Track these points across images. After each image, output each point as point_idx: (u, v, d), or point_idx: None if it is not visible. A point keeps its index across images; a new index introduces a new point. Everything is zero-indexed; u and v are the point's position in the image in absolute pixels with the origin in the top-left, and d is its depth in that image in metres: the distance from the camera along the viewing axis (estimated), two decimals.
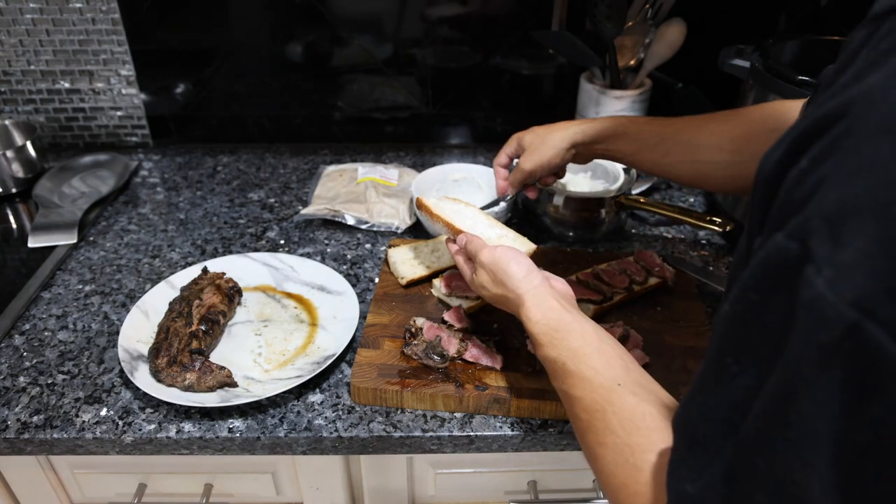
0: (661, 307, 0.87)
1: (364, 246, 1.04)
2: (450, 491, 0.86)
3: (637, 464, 0.46)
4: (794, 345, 0.30)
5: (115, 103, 1.30)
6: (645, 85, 1.18)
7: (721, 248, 1.04)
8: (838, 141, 0.30)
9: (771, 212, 0.34)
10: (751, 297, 0.33)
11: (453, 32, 1.25)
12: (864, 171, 0.28)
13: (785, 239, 0.31)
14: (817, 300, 0.28)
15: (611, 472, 0.48)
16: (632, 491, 0.45)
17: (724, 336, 0.36)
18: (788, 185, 0.32)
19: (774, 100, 0.94)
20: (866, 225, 0.27)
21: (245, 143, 1.36)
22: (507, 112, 1.34)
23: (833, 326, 0.27)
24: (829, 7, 1.18)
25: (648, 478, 0.44)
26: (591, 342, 0.57)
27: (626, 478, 0.46)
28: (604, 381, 0.53)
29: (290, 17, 1.22)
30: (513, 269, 0.66)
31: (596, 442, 0.51)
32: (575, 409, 0.55)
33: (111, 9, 1.19)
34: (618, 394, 0.51)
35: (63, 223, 1.07)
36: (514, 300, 0.66)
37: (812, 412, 0.29)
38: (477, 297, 0.86)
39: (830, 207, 0.29)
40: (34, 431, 0.72)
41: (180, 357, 0.76)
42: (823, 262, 0.28)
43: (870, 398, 0.27)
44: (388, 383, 0.74)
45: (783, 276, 0.31)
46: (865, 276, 0.27)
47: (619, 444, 0.48)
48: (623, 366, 0.55)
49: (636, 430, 0.48)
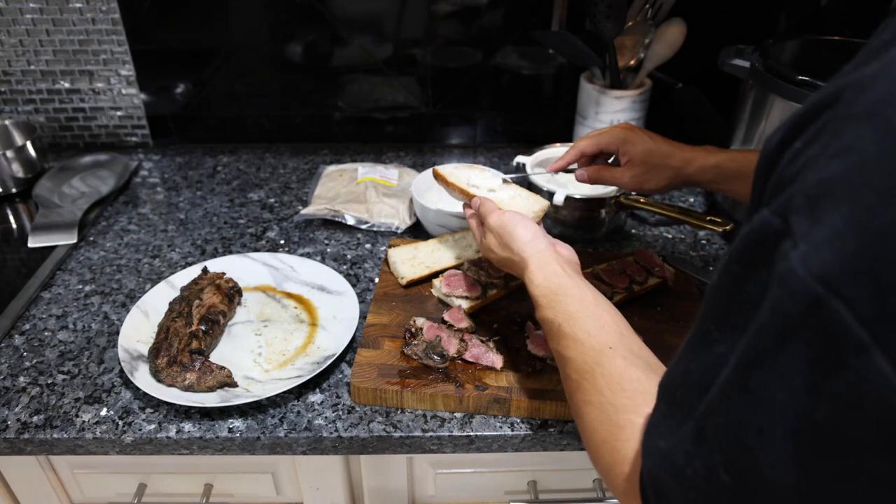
0: (661, 307, 0.87)
1: (364, 246, 1.04)
2: (450, 491, 0.86)
3: (619, 422, 0.48)
4: (762, 315, 0.31)
5: (115, 103, 1.30)
6: (645, 85, 1.18)
7: (721, 248, 1.04)
8: (826, 124, 0.31)
9: (766, 190, 0.35)
10: (733, 269, 0.34)
11: (453, 32, 1.25)
12: (844, 152, 0.29)
13: (770, 214, 0.32)
14: (788, 273, 0.29)
15: (594, 429, 0.50)
16: (611, 447, 0.47)
17: (709, 304, 0.37)
18: (782, 165, 0.33)
19: (774, 100, 0.94)
20: (841, 204, 0.28)
21: (245, 143, 1.36)
22: (507, 112, 1.34)
23: (799, 299, 0.28)
24: (829, 7, 1.18)
25: (628, 435, 0.46)
26: (588, 307, 0.59)
27: (608, 434, 0.48)
28: (595, 345, 0.54)
29: (290, 17, 1.22)
30: (519, 232, 0.68)
31: (583, 401, 0.53)
32: (567, 370, 0.56)
33: (111, 9, 1.19)
34: (608, 356, 0.53)
35: (63, 223, 1.07)
36: (518, 263, 0.68)
37: (772, 382, 0.30)
38: (477, 297, 0.86)
39: (810, 186, 0.30)
40: (34, 431, 0.72)
41: (180, 357, 0.76)
42: (800, 238, 0.29)
43: (830, 374, 0.28)
44: (388, 383, 0.74)
45: (764, 249, 0.32)
46: (835, 253, 0.27)
47: (604, 404, 0.50)
48: (617, 332, 0.56)
49: (621, 392, 0.50)
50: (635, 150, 0.82)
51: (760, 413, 0.30)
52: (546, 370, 0.76)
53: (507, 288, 0.88)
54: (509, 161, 1.30)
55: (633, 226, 1.10)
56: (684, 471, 0.35)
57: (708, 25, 1.17)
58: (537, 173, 0.93)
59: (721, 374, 0.34)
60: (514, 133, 1.36)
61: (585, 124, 1.20)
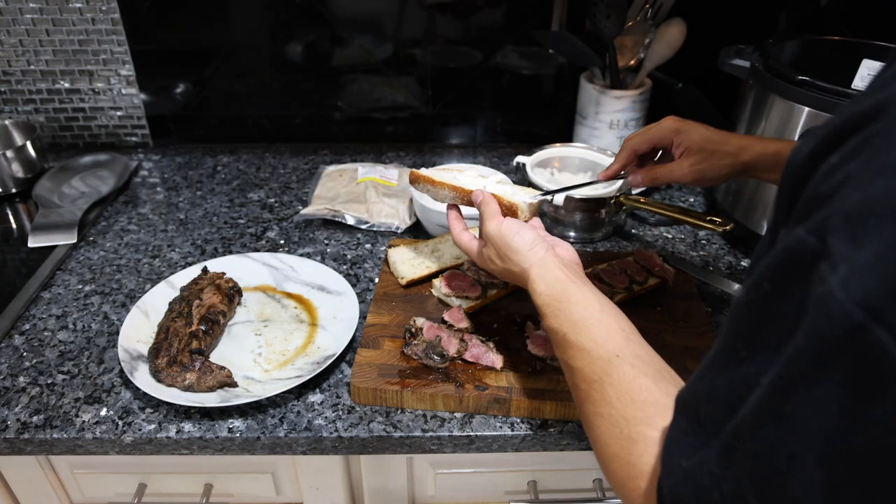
0: (661, 307, 0.87)
1: (364, 246, 1.04)
2: (450, 491, 0.86)
3: (632, 436, 0.46)
4: (798, 339, 0.30)
5: (114, 103, 1.30)
6: (645, 85, 1.18)
7: (721, 248, 1.04)
8: (869, 140, 0.30)
9: (797, 205, 0.34)
10: (764, 287, 0.33)
11: (453, 32, 1.25)
12: (889, 170, 0.28)
13: (805, 233, 0.31)
14: (827, 297, 0.28)
15: (605, 443, 0.49)
16: (624, 461, 0.46)
17: (736, 320, 0.36)
18: (816, 180, 0.32)
19: (774, 100, 0.94)
20: (884, 227, 0.27)
21: (245, 143, 1.36)
22: (507, 112, 1.34)
23: (838, 325, 0.27)
24: (829, 7, 1.18)
25: (642, 449, 0.45)
26: (593, 313, 0.57)
27: (620, 449, 0.47)
28: (602, 353, 0.53)
29: (290, 17, 1.22)
30: (517, 242, 0.66)
31: (593, 412, 0.51)
32: (574, 379, 0.55)
33: (111, 9, 1.19)
34: (615, 365, 0.52)
35: (63, 223, 1.07)
36: (519, 274, 0.66)
37: (807, 407, 0.29)
38: (477, 297, 0.86)
39: (851, 206, 0.28)
40: (34, 431, 0.72)
41: (180, 357, 0.76)
42: (839, 260, 0.28)
43: (870, 400, 0.27)
44: (388, 383, 0.74)
45: (799, 269, 0.31)
46: (877, 278, 0.26)
47: (615, 416, 0.49)
48: (623, 337, 0.55)
49: (632, 403, 0.48)
50: (690, 138, 0.79)
51: (793, 438, 0.30)
52: (546, 370, 0.76)
53: (506, 288, 0.88)
54: (509, 161, 1.30)
55: (633, 226, 1.10)
56: (710, 493, 0.34)
57: (708, 25, 1.16)
58: (563, 190, 0.86)
59: (751, 396, 0.33)
60: (514, 133, 1.36)
61: (585, 124, 1.20)
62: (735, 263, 1.01)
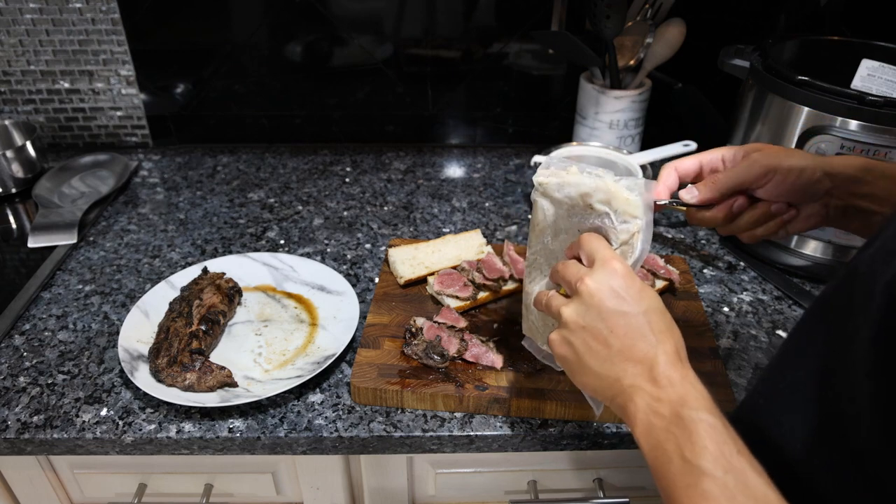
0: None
1: (364, 246, 1.04)
2: (450, 491, 0.86)
3: None
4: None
5: (114, 103, 1.30)
6: (645, 85, 1.18)
7: (721, 248, 1.04)
8: None
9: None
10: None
11: (453, 32, 1.25)
12: None
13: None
14: None
15: None
16: None
17: None
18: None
19: (774, 100, 0.94)
20: None
21: (245, 143, 1.36)
22: (506, 112, 1.34)
23: None
24: (829, 7, 1.19)
25: None
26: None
27: None
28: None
29: (290, 17, 1.22)
30: (640, 346, 0.48)
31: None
32: None
33: (111, 9, 1.19)
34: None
35: (63, 223, 1.07)
36: (622, 392, 0.48)
37: None
38: (467, 298, 0.86)
39: None
40: (34, 431, 0.72)
41: (180, 357, 0.76)
42: None
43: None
44: (388, 383, 0.75)
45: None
46: None
47: None
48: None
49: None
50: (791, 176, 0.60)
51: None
52: (546, 370, 0.76)
53: (497, 293, 0.88)
54: (509, 161, 1.30)
55: None
56: None
57: (708, 25, 1.17)
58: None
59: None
60: (514, 133, 1.36)
61: (585, 124, 1.20)
62: (735, 263, 1.01)
